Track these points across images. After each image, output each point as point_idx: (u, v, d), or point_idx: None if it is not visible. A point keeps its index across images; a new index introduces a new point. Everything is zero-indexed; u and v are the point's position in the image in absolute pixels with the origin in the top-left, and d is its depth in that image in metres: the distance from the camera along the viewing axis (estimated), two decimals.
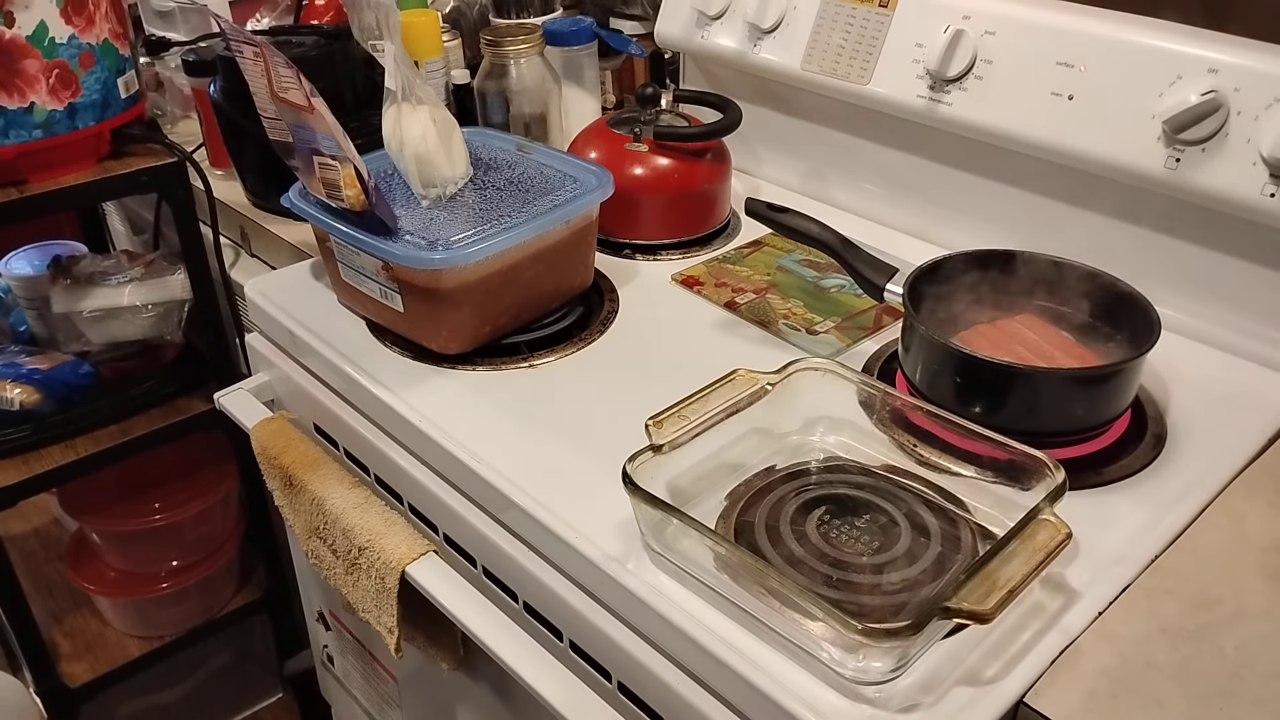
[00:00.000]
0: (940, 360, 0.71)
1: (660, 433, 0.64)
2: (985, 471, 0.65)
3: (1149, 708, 0.52)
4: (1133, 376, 0.69)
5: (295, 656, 1.45)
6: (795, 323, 0.86)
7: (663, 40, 1.15)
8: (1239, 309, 0.81)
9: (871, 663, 0.53)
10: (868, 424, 0.70)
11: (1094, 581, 0.60)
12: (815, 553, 0.62)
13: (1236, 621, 0.57)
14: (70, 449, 1.14)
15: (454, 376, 0.81)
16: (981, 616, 0.50)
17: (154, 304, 1.18)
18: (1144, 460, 0.69)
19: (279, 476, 0.88)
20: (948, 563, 0.61)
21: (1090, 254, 0.78)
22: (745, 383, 0.68)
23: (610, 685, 0.65)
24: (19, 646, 1.22)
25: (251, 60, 0.79)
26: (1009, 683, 0.54)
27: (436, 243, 0.77)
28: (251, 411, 0.92)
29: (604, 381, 0.80)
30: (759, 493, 0.67)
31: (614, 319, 0.88)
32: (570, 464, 0.71)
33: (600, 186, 0.86)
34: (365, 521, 0.78)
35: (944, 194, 0.99)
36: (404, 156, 0.85)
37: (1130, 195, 0.84)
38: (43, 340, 1.22)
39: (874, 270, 0.78)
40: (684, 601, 0.59)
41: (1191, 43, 0.78)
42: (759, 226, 0.86)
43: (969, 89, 0.90)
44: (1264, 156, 0.74)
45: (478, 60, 1.12)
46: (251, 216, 1.15)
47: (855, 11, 0.98)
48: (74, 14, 0.97)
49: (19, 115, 0.97)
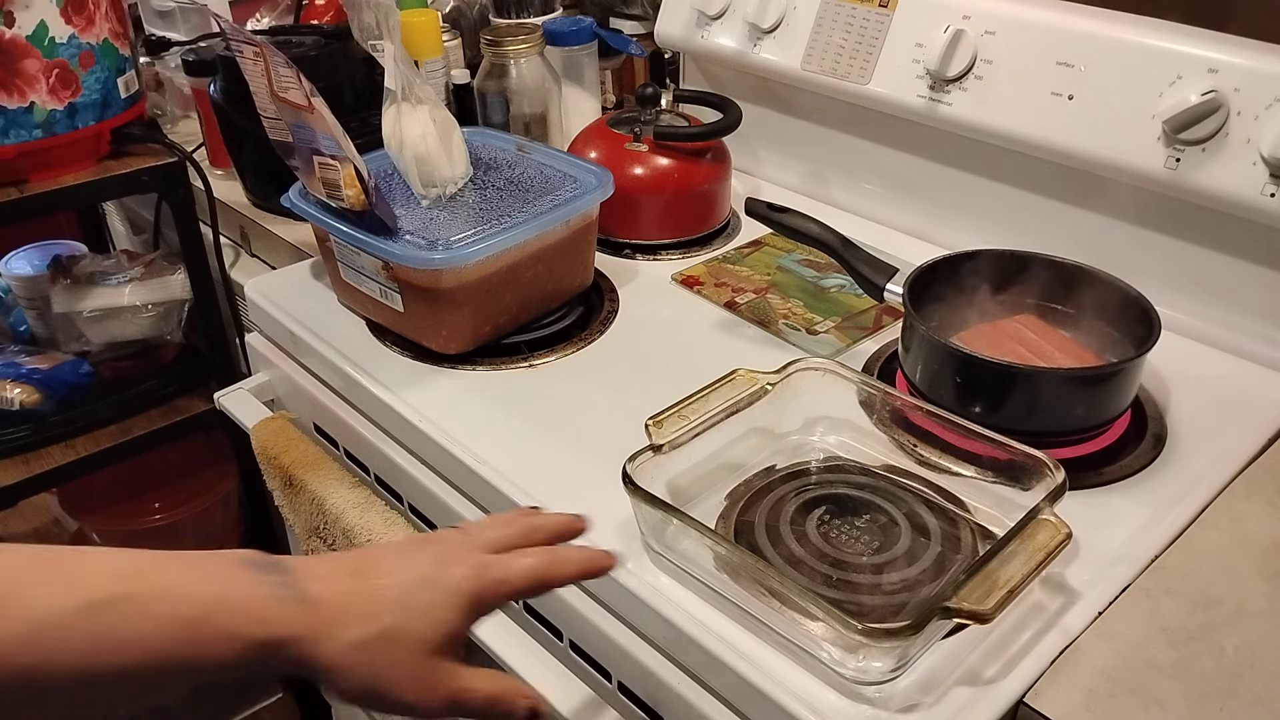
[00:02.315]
0: (940, 360, 0.71)
1: (660, 433, 0.64)
2: (985, 471, 0.65)
3: (1149, 708, 0.52)
4: (1133, 376, 0.69)
5: None
6: (795, 323, 0.86)
7: (663, 40, 1.15)
8: (1239, 309, 0.81)
9: (871, 663, 0.53)
10: (868, 424, 0.70)
11: (1094, 581, 0.60)
12: (815, 553, 0.62)
13: (1236, 621, 0.57)
14: (70, 449, 1.14)
15: (454, 376, 0.81)
16: (981, 616, 0.50)
17: (154, 304, 1.18)
18: (1144, 460, 0.69)
19: (279, 476, 0.88)
20: (948, 563, 0.61)
21: (1090, 254, 0.78)
22: (745, 383, 0.68)
23: (610, 685, 0.65)
24: None
25: (251, 60, 0.79)
26: (1009, 683, 0.53)
27: (436, 243, 0.77)
28: (251, 411, 0.92)
29: (604, 381, 0.80)
30: (759, 493, 0.67)
31: (614, 319, 0.88)
32: (570, 464, 0.71)
33: (600, 186, 0.86)
34: (365, 521, 0.78)
35: (944, 194, 0.99)
36: (404, 156, 0.85)
37: (1130, 195, 0.84)
38: (43, 340, 1.22)
39: (874, 270, 0.78)
40: (684, 601, 0.59)
41: (1191, 43, 0.78)
42: (759, 226, 0.86)
43: (969, 89, 0.90)
44: (1264, 156, 0.74)
45: (478, 60, 1.12)
46: (251, 216, 1.15)
47: (855, 11, 0.98)
48: (74, 14, 0.97)
49: (19, 115, 0.97)
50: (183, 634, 0.39)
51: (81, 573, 0.39)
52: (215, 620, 0.39)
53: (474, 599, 0.45)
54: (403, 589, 0.43)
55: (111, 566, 0.39)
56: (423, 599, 0.43)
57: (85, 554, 0.40)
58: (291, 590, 0.42)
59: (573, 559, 0.49)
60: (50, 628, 0.37)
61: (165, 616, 0.39)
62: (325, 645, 0.41)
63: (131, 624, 0.38)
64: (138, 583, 0.39)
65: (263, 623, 0.40)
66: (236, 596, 0.41)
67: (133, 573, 0.39)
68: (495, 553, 0.47)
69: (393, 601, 0.43)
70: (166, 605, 0.39)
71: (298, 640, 0.41)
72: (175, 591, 0.40)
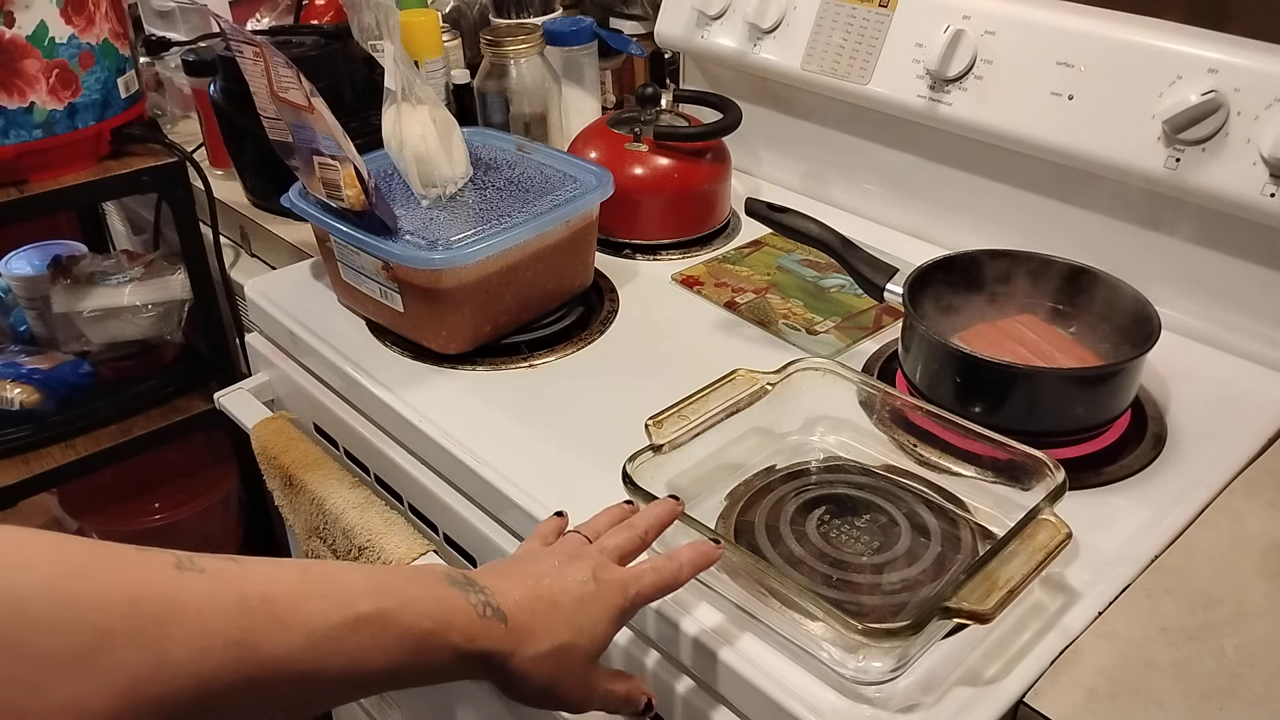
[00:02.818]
0: (940, 360, 0.71)
1: (660, 433, 0.64)
2: (985, 471, 0.65)
3: (1149, 708, 0.52)
4: (1133, 376, 0.69)
5: None
6: (795, 323, 0.86)
7: (663, 40, 1.15)
8: (1239, 309, 0.81)
9: (871, 663, 0.53)
10: (868, 424, 0.70)
11: (1094, 581, 0.60)
12: (815, 553, 0.62)
13: (1236, 621, 0.57)
14: (70, 449, 1.14)
15: (454, 376, 0.81)
16: (981, 617, 0.50)
17: (154, 304, 1.18)
18: (1144, 460, 0.69)
19: (279, 476, 0.88)
20: (948, 563, 0.61)
21: (1090, 254, 0.78)
22: (745, 383, 0.68)
23: None
24: None
25: (251, 60, 0.79)
26: (1009, 683, 0.53)
27: (436, 243, 0.77)
28: (251, 411, 0.92)
29: (604, 381, 0.80)
30: (759, 493, 0.67)
31: (614, 319, 0.88)
32: (570, 464, 0.71)
33: (600, 186, 0.86)
34: (365, 521, 0.78)
35: (944, 194, 0.99)
36: (404, 156, 0.85)
37: (1130, 195, 0.84)
38: (43, 340, 1.22)
39: (874, 270, 0.78)
40: (684, 601, 0.59)
41: (1191, 43, 0.78)
42: (759, 226, 0.86)
43: (969, 89, 0.90)
44: (1264, 156, 0.74)
45: (478, 60, 1.12)
46: (251, 216, 1.15)
47: (855, 11, 0.98)
48: (74, 14, 0.97)
49: (19, 115, 0.97)
50: (418, 646, 0.45)
51: (347, 590, 0.44)
52: (442, 635, 0.46)
53: (623, 614, 0.52)
54: (572, 608, 0.51)
55: (366, 585, 0.45)
56: (588, 618, 0.51)
57: (344, 570, 0.46)
58: (495, 611, 0.48)
59: (686, 562, 0.55)
60: (324, 638, 0.42)
61: (409, 632, 0.45)
62: (516, 658, 0.49)
63: (386, 636, 0.44)
64: (389, 601, 0.45)
65: (475, 639, 0.47)
66: (458, 615, 0.47)
67: (383, 591, 0.45)
68: (621, 560, 0.54)
69: (568, 621, 0.50)
70: (411, 621, 0.45)
71: (500, 654, 0.48)
72: (418, 609, 0.46)
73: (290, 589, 0.42)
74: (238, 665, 0.39)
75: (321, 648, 0.42)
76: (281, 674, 0.41)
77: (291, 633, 0.41)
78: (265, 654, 0.40)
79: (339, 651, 0.43)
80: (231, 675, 0.39)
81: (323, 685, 0.43)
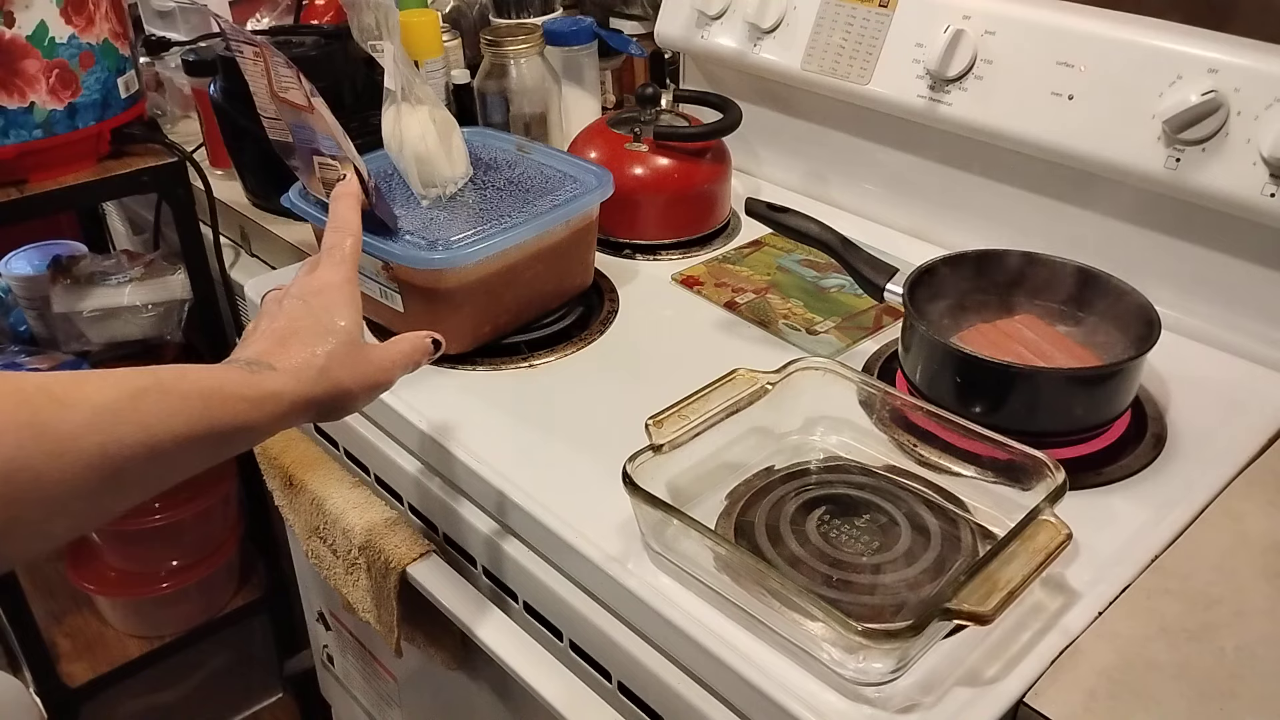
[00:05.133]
0: (940, 360, 0.71)
1: (660, 432, 0.64)
2: (985, 471, 0.65)
3: (1149, 708, 0.52)
4: (1133, 376, 0.69)
5: (295, 656, 1.44)
6: (795, 323, 0.86)
7: (663, 40, 1.15)
8: (1239, 309, 0.81)
9: (872, 663, 0.53)
10: (868, 424, 0.70)
11: (1094, 581, 0.60)
12: (815, 553, 0.62)
13: (1236, 621, 0.57)
14: None
15: (454, 376, 0.81)
16: (982, 618, 0.50)
17: (154, 304, 1.18)
18: (1144, 460, 0.69)
19: (279, 476, 0.88)
20: (948, 563, 0.61)
21: (1090, 254, 0.78)
22: (745, 382, 0.68)
23: (610, 685, 0.65)
24: (19, 646, 1.22)
25: (251, 60, 0.79)
26: (1009, 683, 0.54)
27: (436, 243, 0.77)
28: None
29: (604, 381, 0.80)
30: (759, 493, 0.67)
31: (614, 319, 0.88)
32: (570, 464, 0.71)
33: (600, 186, 0.86)
34: (365, 521, 0.78)
35: (944, 194, 0.99)
36: (404, 156, 0.85)
37: (1130, 195, 0.84)
38: (43, 340, 1.22)
39: (874, 270, 0.78)
40: (684, 601, 0.59)
41: (1191, 43, 0.78)
42: (759, 226, 0.86)
43: (969, 89, 0.90)
44: (1264, 156, 0.74)
45: (478, 60, 1.12)
46: (251, 216, 1.15)
47: (855, 11, 0.98)
48: (74, 14, 0.97)
49: (19, 115, 0.97)
50: (205, 403, 0.49)
51: (123, 373, 0.48)
52: (223, 389, 0.50)
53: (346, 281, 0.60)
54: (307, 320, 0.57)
55: (133, 370, 0.48)
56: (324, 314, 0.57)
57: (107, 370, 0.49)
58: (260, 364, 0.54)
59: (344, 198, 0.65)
60: (108, 410, 0.45)
61: (190, 393, 0.49)
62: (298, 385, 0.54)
63: (170, 400, 0.48)
64: (164, 374, 0.49)
65: (254, 384, 0.52)
66: (230, 372, 0.52)
67: (150, 371, 0.49)
68: None
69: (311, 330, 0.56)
70: (189, 386, 0.49)
71: (284, 392, 0.53)
72: (193, 375, 0.50)
73: (68, 379, 0.46)
74: (35, 444, 0.42)
75: (107, 419, 0.45)
76: (77, 449, 0.44)
77: (75, 409, 0.44)
78: (56, 430, 0.43)
79: (128, 420, 0.46)
80: (31, 455, 0.42)
81: (129, 453, 0.46)
